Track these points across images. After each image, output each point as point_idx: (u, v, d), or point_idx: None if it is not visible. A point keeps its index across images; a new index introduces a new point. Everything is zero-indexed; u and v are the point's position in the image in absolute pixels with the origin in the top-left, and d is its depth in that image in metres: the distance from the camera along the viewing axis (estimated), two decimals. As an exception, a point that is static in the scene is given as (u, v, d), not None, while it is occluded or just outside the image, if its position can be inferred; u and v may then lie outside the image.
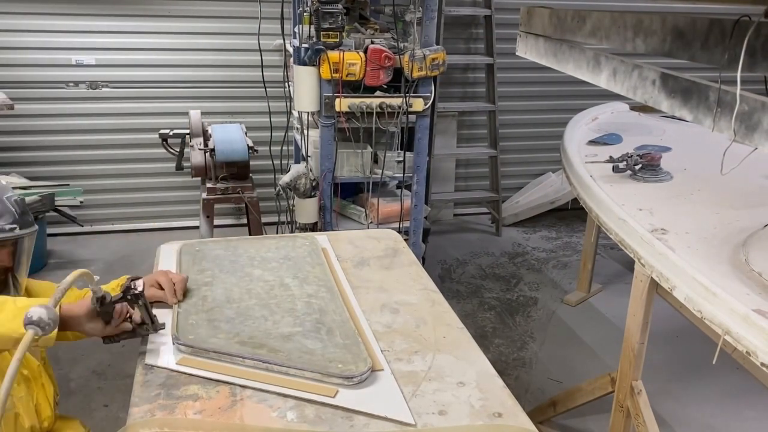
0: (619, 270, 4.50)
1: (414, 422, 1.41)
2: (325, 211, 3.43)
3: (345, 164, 3.42)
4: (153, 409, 1.42)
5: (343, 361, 1.56)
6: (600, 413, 2.88)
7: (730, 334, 1.68)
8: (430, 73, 3.26)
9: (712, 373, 3.21)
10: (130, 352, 1.50)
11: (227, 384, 1.51)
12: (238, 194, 3.70)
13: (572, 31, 1.91)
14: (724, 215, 2.34)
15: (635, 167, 2.72)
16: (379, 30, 3.47)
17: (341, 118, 3.23)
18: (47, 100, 4.53)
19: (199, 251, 2.12)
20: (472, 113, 5.25)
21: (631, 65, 1.57)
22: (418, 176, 3.50)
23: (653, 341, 2.34)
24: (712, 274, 1.86)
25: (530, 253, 4.82)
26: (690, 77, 1.35)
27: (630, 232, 2.23)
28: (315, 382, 1.50)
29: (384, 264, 2.19)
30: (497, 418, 1.43)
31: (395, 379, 1.55)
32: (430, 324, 1.82)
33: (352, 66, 3.11)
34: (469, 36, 5.09)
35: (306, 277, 2.00)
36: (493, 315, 3.93)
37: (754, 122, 1.16)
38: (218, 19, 4.59)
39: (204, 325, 1.68)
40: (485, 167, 5.34)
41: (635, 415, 2.29)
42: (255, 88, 4.17)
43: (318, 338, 1.66)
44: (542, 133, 5.36)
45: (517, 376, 3.34)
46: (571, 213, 5.29)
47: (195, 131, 3.80)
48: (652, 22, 1.54)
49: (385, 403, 1.46)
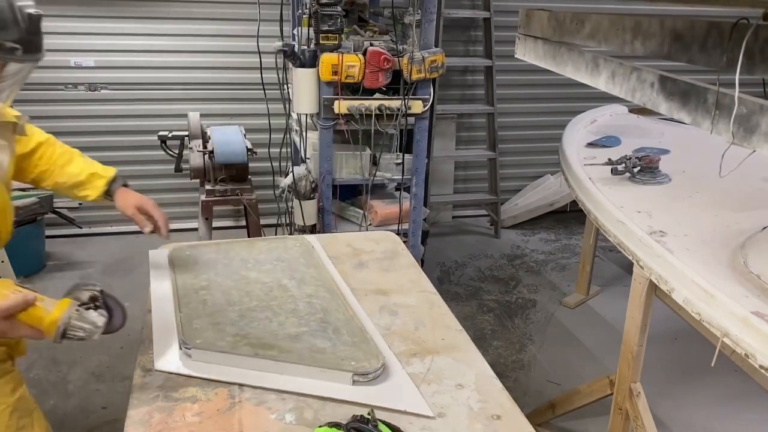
0: (617, 272, 4.50)
1: (433, 414, 1.41)
2: (324, 213, 3.42)
3: (344, 166, 3.42)
4: (151, 411, 1.42)
5: (355, 358, 1.57)
6: (599, 416, 2.88)
7: (729, 336, 1.68)
8: (429, 75, 3.27)
9: (711, 375, 3.21)
10: (129, 354, 1.49)
11: (226, 386, 1.51)
12: (236, 196, 3.70)
13: (571, 34, 1.91)
14: (722, 217, 2.35)
15: (634, 169, 2.72)
16: (378, 32, 3.48)
17: (340, 120, 3.23)
18: (46, 101, 4.53)
19: (190, 255, 2.11)
20: (471, 115, 5.26)
21: (630, 68, 1.57)
22: (417, 178, 3.50)
23: (652, 343, 2.34)
24: (711, 276, 1.86)
25: (529, 256, 4.82)
26: (688, 80, 1.36)
27: (629, 235, 2.23)
28: (328, 382, 1.52)
29: (383, 266, 2.19)
30: (496, 420, 1.43)
31: (407, 374, 1.56)
32: (429, 326, 1.82)
33: (351, 68, 3.11)
34: (468, 38, 5.10)
35: (303, 277, 2.00)
36: (492, 317, 3.93)
37: (753, 124, 1.16)
38: (217, 21, 4.59)
39: (209, 329, 1.68)
40: (484, 169, 5.35)
41: (634, 417, 2.29)
42: (254, 90, 4.17)
43: (326, 337, 1.67)
44: (541, 136, 5.37)
45: (516, 378, 3.33)
46: (569, 215, 5.29)
47: (194, 133, 3.79)
48: (651, 25, 1.54)
49: (403, 398, 1.48)
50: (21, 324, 1.37)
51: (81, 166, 1.92)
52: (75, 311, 1.39)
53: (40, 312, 1.36)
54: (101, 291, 1.48)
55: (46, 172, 1.90)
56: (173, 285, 1.92)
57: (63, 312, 1.37)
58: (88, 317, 1.40)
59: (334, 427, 1.31)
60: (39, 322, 1.37)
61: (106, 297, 1.48)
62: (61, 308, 1.38)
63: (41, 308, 1.37)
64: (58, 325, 1.36)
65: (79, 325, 1.38)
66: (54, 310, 1.37)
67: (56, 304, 1.39)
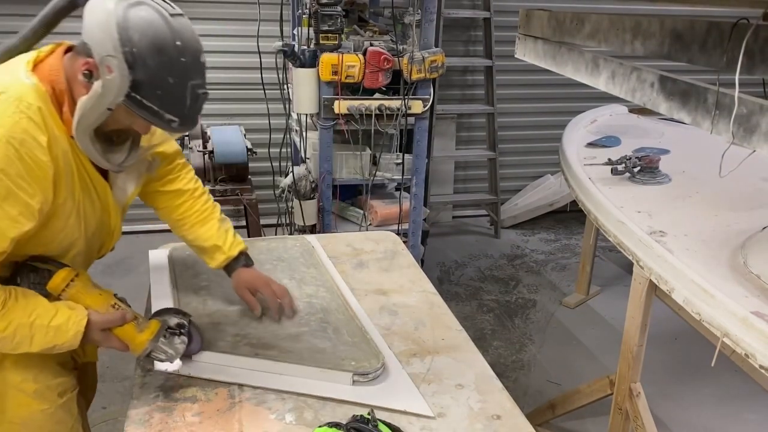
0: (617, 272, 4.50)
1: (433, 415, 1.41)
2: (324, 213, 3.42)
3: (344, 166, 3.42)
4: (151, 411, 1.42)
5: (355, 358, 1.57)
6: (599, 415, 2.88)
7: (729, 336, 1.68)
8: (429, 75, 3.27)
9: (711, 375, 3.21)
10: (129, 355, 1.49)
11: (226, 386, 1.51)
12: (236, 196, 3.69)
13: (571, 34, 1.91)
14: (722, 217, 2.35)
15: (634, 169, 2.72)
16: (378, 32, 3.47)
17: (340, 120, 3.23)
18: (46, 101, 4.53)
19: (190, 255, 2.10)
20: (471, 115, 5.25)
21: (630, 68, 1.57)
22: (416, 178, 3.50)
23: (652, 343, 2.34)
24: (711, 276, 1.86)
25: (529, 256, 4.82)
26: (688, 80, 1.36)
27: (629, 235, 2.23)
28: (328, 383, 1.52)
29: (383, 266, 2.19)
30: (496, 420, 1.43)
31: (407, 374, 1.56)
32: (429, 326, 1.82)
33: (351, 68, 3.11)
34: (468, 38, 5.10)
35: (303, 278, 2.00)
36: (492, 317, 3.93)
37: (753, 124, 1.16)
38: (217, 21, 4.59)
39: (209, 329, 1.68)
40: (484, 169, 5.35)
41: (634, 417, 2.29)
42: (254, 91, 4.16)
43: (326, 337, 1.67)
44: (541, 136, 5.37)
45: (516, 378, 3.33)
46: (569, 215, 5.29)
47: (194, 133, 3.79)
48: (651, 25, 1.54)
49: (402, 398, 1.48)
50: (114, 337, 1.46)
51: (210, 233, 1.79)
52: (163, 336, 1.48)
53: (133, 330, 1.46)
54: (190, 321, 1.55)
55: (177, 221, 1.82)
56: (173, 285, 1.92)
57: (153, 334, 1.47)
58: (173, 343, 1.49)
59: (334, 427, 1.31)
60: (131, 340, 1.46)
61: (191, 326, 1.55)
62: (152, 330, 1.47)
63: (135, 326, 1.47)
64: (147, 346, 1.46)
65: (164, 349, 1.48)
66: (146, 331, 1.47)
67: (148, 325, 1.48)
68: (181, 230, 1.82)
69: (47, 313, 1.38)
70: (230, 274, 1.81)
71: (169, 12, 1.31)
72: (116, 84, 1.27)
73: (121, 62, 1.25)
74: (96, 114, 1.31)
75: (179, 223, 1.81)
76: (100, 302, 1.46)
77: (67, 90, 1.37)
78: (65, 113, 1.37)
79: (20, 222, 1.31)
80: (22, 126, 1.28)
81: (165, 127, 1.36)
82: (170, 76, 1.29)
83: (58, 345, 1.40)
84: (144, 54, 1.26)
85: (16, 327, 1.35)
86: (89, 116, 1.32)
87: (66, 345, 1.41)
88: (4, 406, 1.56)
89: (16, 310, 1.35)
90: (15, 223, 1.30)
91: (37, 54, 1.41)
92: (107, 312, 1.45)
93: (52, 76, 1.37)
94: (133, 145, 1.46)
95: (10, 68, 1.38)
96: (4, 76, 1.35)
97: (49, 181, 1.33)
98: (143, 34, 1.26)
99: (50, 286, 1.43)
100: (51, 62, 1.39)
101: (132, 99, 1.29)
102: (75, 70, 1.34)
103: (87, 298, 1.45)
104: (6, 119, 1.27)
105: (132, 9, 1.27)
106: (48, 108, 1.34)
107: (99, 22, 1.27)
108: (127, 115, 1.33)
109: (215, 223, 1.81)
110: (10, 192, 1.28)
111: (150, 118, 1.32)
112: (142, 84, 1.28)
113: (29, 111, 1.30)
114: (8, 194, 1.28)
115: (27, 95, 1.31)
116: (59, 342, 1.40)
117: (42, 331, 1.37)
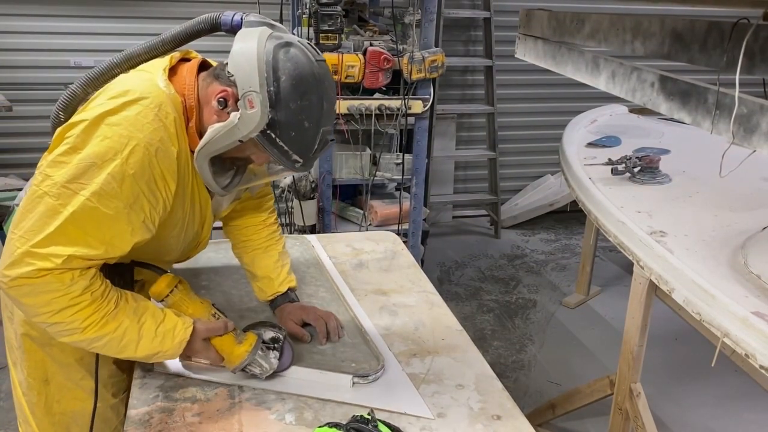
0: (617, 272, 4.50)
1: (433, 416, 1.41)
2: (324, 213, 3.43)
3: (344, 166, 3.42)
4: (151, 412, 1.42)
5: (355, 360, 1.57)
6: (599, 416, 2.88)
7: (729, 336, 1.68)
8: (429, 75, 3.27)
9: (711, 375, 3.21)
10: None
11: (226, 386, 1.51)
12: (237, 196, 3.70)
13: (571, 34, 1.91)
14: (723, 217, 2.34)
15: (634, 169, 2.72)
16: (378, 32, 3.47)
17: (340, 120, 3.23)
18: (45, 101, 4.52)
19: None
20: (471, 115, 5.25)
21: (630, 68, 1.57)
22: (416, 178, 3.50)
23: (652, 344, 2.34)
24: (711, 276, 1.86)
25: (529, 256, 4.82)
26: (689, 80, 1.35)
27: (629, 235, 2.23)
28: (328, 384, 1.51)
29: (382, 266, 2.19)
30: (496, 420, 1.43)
31: (407, 375, 1.56)
32: (429, 326, 1.82)
33: (351, 68, 3.11)
34: (468, 38, 5.10)
35: (302, 277, 2.00)
36: (492, 317, 3.93)
37: (753, 124, 1.16)
38: (217, 21, 4.58)
39: None
40: (484, 169, 5.35)
41: (634, 417, 2.29)
42: (254, 90, 4.17)
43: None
44: (541, 136, 5.36)
45: (516, 379, 3.33)
46: (569, 215, 5.29)
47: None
48: (651, 25, 1.54)
49: (402, 399, 1.47)
50: (212, 348, 1.46)
51: (267, 263, 1.76)
52: (260, 350, 1.48)
53: (232, 341, 1.46)
54: (285, 336, 1.54)
55: (241, 242, 1.79)
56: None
57: (251, 348, 1.46)
58: (268, 357, 1.48)
59: (333, 427, 1.31)
60: (229, 351, 1.46)
61: (285, 341, 1.54)
62: (250, 343, 1.46)
63: (233, 338, 1.46)
64: (246, 358, 1.45)
65: (260, 363, 1.48)
66: (244, 344, 1.46)
67: (245, 338, 1.47)
68: (241, 251, 1.80)
69: (155, 318, 1.37)
70: (274, 308, 1.77)
71: (315, 57, 1.33)
72: (255, 120, 1.28)
73: (264, 99, 1.27)
74: (226, 143, 1.32)
75: (243, 244, 1.79)
76: (202, 310, 1.45)
77: (197, 107, 1.37)
78: (191, 128, 1.37)
79: (141, 230, 1.30)
80: (159, 135, 1.27)
81: (288, 166, 1.37)
82: (307, 121, 1.31)
83: (162, 352, 1.38)
84: (287, 96, 1.28)
85: (125, 329, 1.33)
86: (218, 143, 1.32)
87: (169, 353, 1.39)
88: (60, 397, 1.57)
89: (127, 312, 1.33)
90: (137, 229, 1.29)
91: (169, 60, 1.42)
92: (209, 320, 1.44)
93: (185, 90, 1.37)
94: (239, 170, 1.46)
95: (146, 74, 1.37)
96: (143, 82, 1.34)
97: (171, 192, 1.33)
98: (290, 76, 1.28)
99: (153, 291, 1.42)
100: (185, 76, 1.40)
101: (266, 136, 1.30)
102: (209, 94, 1.36)
103: (189, 305, 1.44)
104: (147, 125, 1.26)
105: (282, 49, 1.30)
106: (180, 120, 1.34)
107: (248, 56, 1.29)
108: (254, 148, 1.34)
109: (275, 255, 1.78)
110: (137, 199, 1.27)
111: (277, 156, 1.33)
112: (279, 124, 1.29)
113: (167, 120, 1.29)
114: (135, 201, 1.27)
115: (165, 104, 1.31)
116: (164, 348, 1.38)
117: (149, 336, 1.35)
